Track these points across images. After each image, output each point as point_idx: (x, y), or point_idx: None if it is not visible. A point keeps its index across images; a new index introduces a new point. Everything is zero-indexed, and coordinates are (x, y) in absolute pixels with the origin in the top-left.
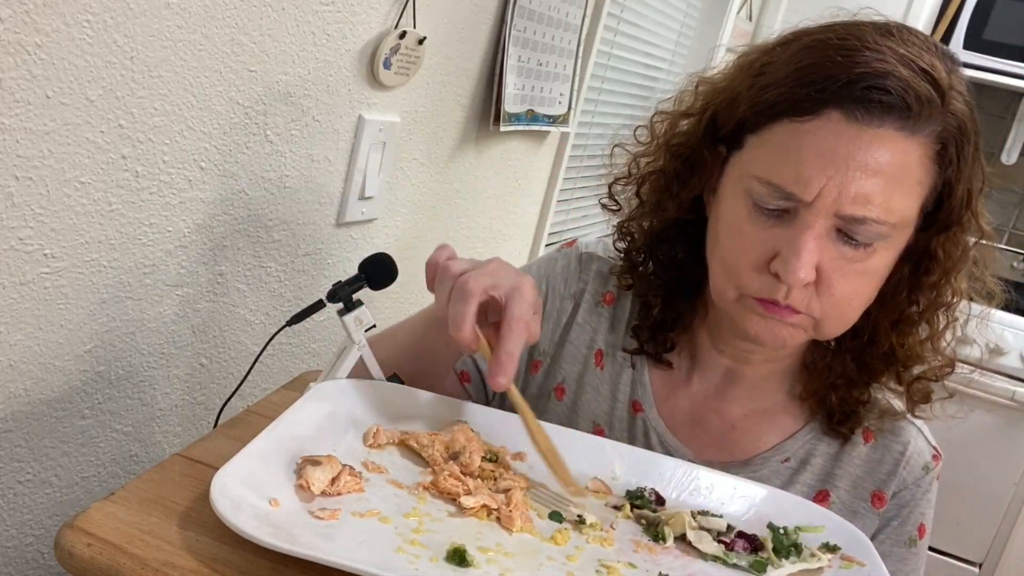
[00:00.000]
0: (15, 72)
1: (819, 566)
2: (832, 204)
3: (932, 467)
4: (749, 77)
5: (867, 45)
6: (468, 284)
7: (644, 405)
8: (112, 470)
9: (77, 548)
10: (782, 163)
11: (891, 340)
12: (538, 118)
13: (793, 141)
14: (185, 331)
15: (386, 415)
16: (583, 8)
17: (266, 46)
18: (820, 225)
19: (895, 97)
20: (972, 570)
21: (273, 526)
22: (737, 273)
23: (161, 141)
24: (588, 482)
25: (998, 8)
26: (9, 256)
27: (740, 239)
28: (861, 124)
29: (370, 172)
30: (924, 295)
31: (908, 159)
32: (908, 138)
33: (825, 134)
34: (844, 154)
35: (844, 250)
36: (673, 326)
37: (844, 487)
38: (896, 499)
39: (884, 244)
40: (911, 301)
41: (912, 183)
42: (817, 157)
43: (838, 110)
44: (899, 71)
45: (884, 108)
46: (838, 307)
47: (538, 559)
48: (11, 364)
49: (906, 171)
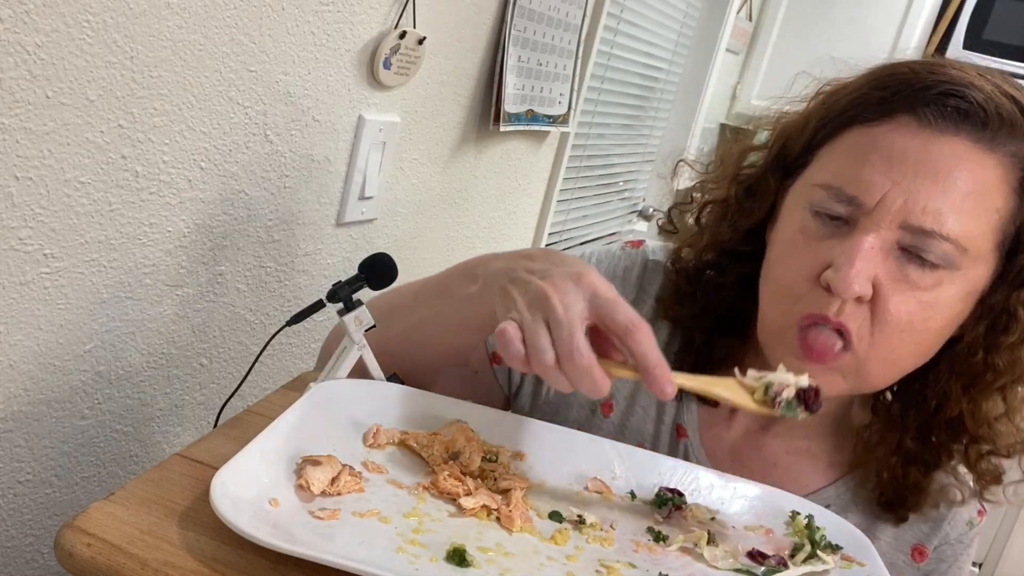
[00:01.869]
0: (15, 72)
1: (824, 568)
2: (897, 213)
3: (976, 523)
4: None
5: (950, 65)
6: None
7: (688, 430)
8: (112, 470)
9: (77, 548)
10: (846, 167)
11: (961, 407)
12: (538, 118)
13: (861, 146)
14: (185, 331)
15: (386, 415)
16: (583, 8)
17: (266, 46)
18: (881, 236)
19: (973, 106)
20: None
21: (273, 526)
22: (787, 289)
23: (161, 141)
24: (588, 482)
25: (998, 8)
26: (9, 256)
27: (794, 251)
28: (934, 130)
29: (370, 172)
30: (1001, 358)
31: (984, 176)
32: (985, 153)
33: (895, 137)
34: (914, 160)
35: (908, 271)
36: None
37: (885, 539)
38: (937, 553)
39: (951, 276)
40: (987, 364)
41: (988, 207)
42: (883, 161)
43: (910, 115)
44: (980, 84)
45: (960, 115)
46: (890, 338)
47: (538, 559)
48: (11, 364)
49: (982, 189)
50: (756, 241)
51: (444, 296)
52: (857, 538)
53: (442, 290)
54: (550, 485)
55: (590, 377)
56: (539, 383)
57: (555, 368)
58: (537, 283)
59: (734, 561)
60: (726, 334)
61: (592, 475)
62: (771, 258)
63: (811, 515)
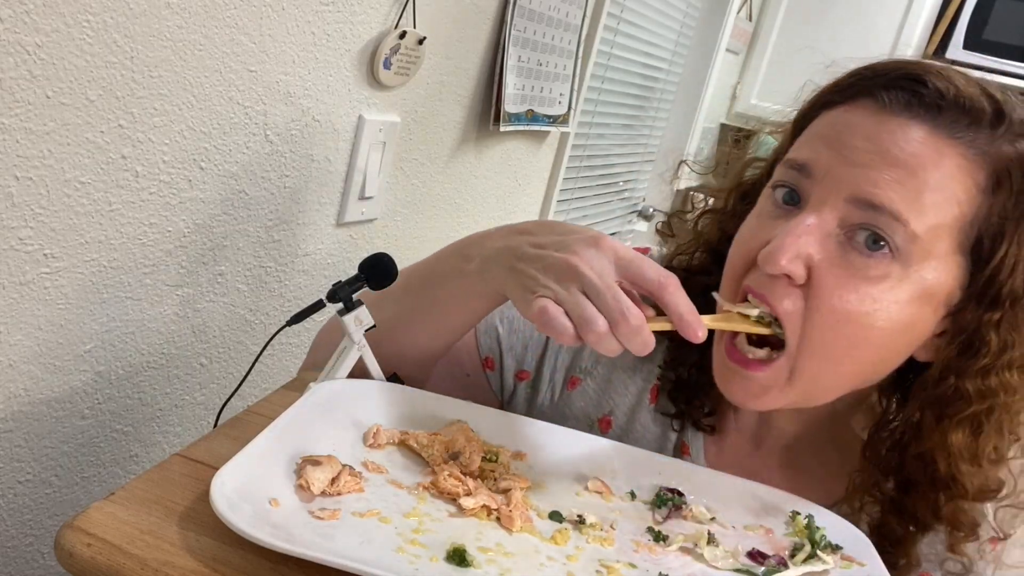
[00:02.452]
0: (15, 72)
1: (824, 568)
2: (845, 186)
3: (988, 551)
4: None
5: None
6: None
7: (692, 448)
8: (112, 470)
9: (77, 548)
10: (805, 142)
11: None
12: (538, 118)
13: (822, 126)
14: (185, 331)
15: (386, 415)
16: (583, 8)
17: (266, 46)
18: (824, 217)
19: (931, 91)
20: None
21: (273, 526)
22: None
23: (161, 141)
24: (588, 482)
25: (998, 8)
26: (9, 256)
27: (747, 232)
28: (890, 112)
29: (370, 172)
30: (973, 383)
31: (941, 164)
32: (943, 141)
33: (851, 117)
34: (866, 136)
35: (850, 257)
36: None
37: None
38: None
39: (900, 272)
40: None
41: (945, 196)
42: (836, 136)
43: (869, 97)
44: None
45: (917, 99)
46: (824, 333)
47: (538, 559)
48: (11, 364)
49: (938, 177)
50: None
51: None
52: (857, 538)
53: (431, 274)
54: (550, 485)
55: (640, 336)
56: (534, 390)
57: (610, 335)
58: (556, 256)
59: (734, 561)
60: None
61: (592, 475)
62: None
63: (811, 515)
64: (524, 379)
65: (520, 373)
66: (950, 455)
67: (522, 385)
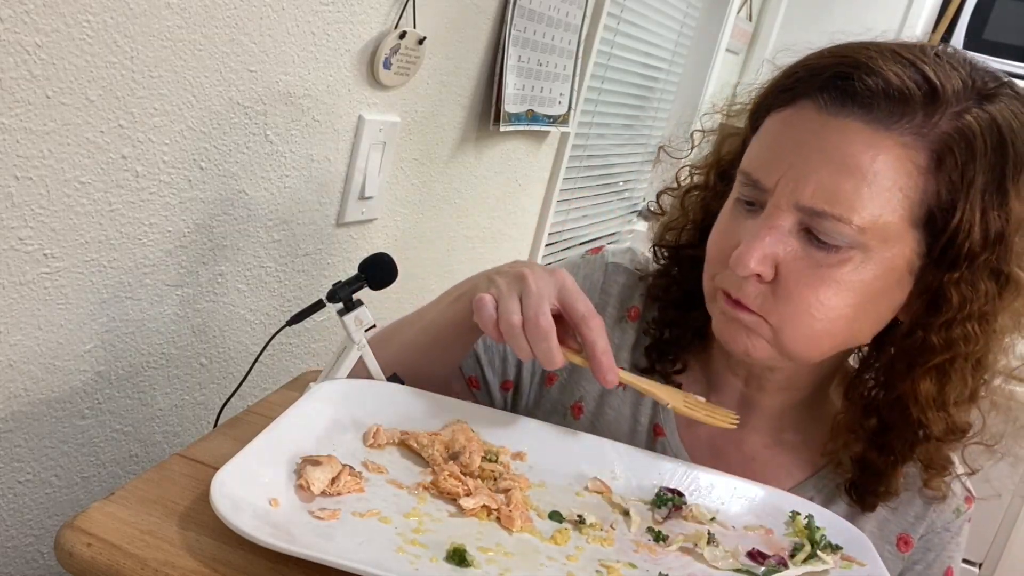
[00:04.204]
0: (15, 72)
1: (825, 568)
2: (791, 194)
3: (964, 510)
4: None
5: (865, 46)
6: (540, 322)
7: (666, 430)
8: (112, 470)
9: (77, 548)
10: (756, 152)
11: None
12: (538, 118)
13: (769, 132)
14: (185, 331)
15: (386, 415)
16: (583, 8)
17: (266, 46)
18: (783, 219)
19: (863, 88)
20: (972, 570)
21: (273, 526)
22: (710, 266)
23: (161, 141)
24: (588, 482)
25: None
26: (9, 256)
27: (719, 230)
28: (828, 113)
29: (370, 172)
30: (937, 336)
31: (880, 156)
32: (879, 133)
33: (794, 122)
34: (806, 143)
35: (810, 251)
36: (687, 345)
37: (869, 528)
38: (923, 541)
39: (861, 256)
40: (924, 344)
41: (888, 186)
42: (779, 145)
43: (808, 99)
44: (878, 66)
45: (850, 98)
46: (796, 313)
47: (538, 559)
48: (11, 364)
49: (877, 170)
50: None
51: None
52: (857, 538)
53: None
54: (550, 485)
55: (547, 343)
56: (517, 395)
57: (520, 330)
58: (517, 269)
59: (734, 561)
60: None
61: (592, 475)
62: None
63: (811, 515)
64: (508, 388)
65: (504, 384)
66: (918, 402)
67: (508, 395)
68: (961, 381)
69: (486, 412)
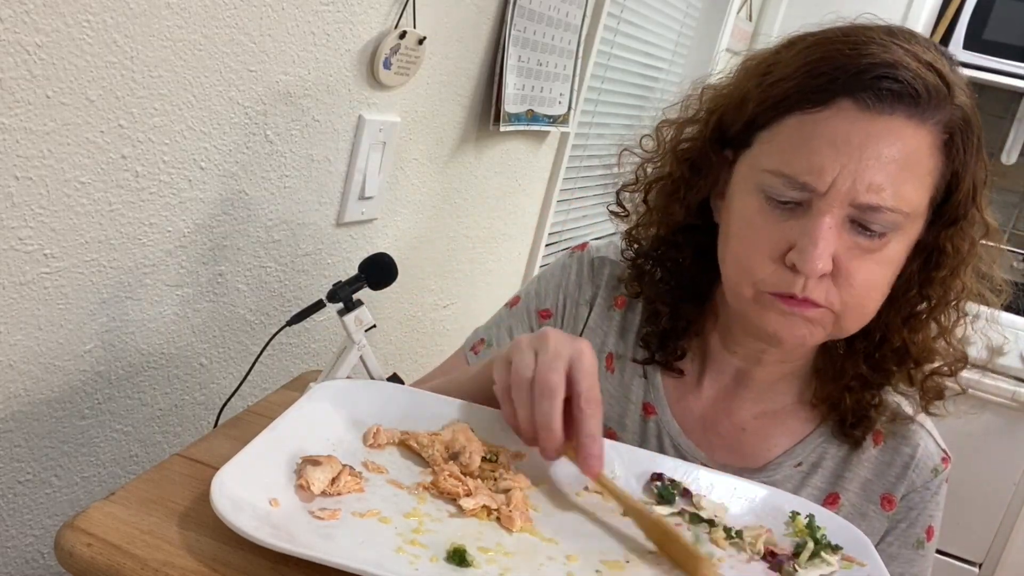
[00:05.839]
0: (15, 72)
1: (831, 570)
2: (847, 193)
3: (941, 470)
4: (756, 77)
5: (873, 40)
6: (550, 378)
7: (657, 408)
8: (112, 470)
9: (77, 548)
10: (795, 154)
11: (903, 337)
12: (538, 118)
13: (805, 132)
14: (185, 331)
15: (386, 415)
16: (583, 8)
17: (266, 46)
18: (835, 215)
19: (905, 85)
20: (972, 570)
21: (273, 526)
22: (752, 269)
23: (161, 141)
24: (588, 482)
25: (998, 8)
26: (9, 256)
27: (754, 233)
28: (873, 112)
29: (370, 172)
30: (934, 290)
31: (919, 147)
32: (918, 126)
33: (837, 123)
34: (857, 143)
35: (859, 240)
36: (682, 333)
37: (853, 490)
38: (905, 501)
39: (898, 235)
40: (922, 296)
41: (923, 172)
42: (830, 146)
43: (849, 99)
44: (906, 62)
45: (895, 96)
46: (857, 298)
47: (538, 559)
48: (11, 364)
49: (917, 160)
50: (704, 212)
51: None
52: (857, 538)
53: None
54: (550, 485)
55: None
56: None
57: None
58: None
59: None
60: (687, 301)
61: None
62: (730, 235)
63: (811, 515)
64: None
65: None
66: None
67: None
68: (946, 320)
69: (486, 412)
